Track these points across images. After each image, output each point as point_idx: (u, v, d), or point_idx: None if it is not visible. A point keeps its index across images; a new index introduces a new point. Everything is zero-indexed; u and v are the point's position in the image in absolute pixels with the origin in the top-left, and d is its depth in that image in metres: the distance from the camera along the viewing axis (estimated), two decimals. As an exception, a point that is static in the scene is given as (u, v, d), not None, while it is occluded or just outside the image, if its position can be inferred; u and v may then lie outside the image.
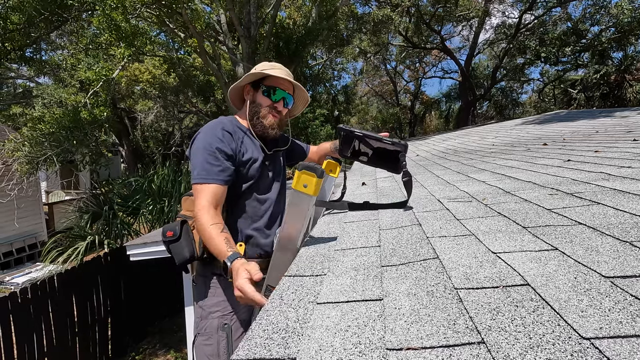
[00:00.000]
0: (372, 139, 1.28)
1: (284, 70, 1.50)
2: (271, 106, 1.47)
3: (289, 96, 1.51)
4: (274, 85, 1.47)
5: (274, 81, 1.46)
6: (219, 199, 1.30)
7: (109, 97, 7.90)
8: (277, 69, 1.49)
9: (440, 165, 3.22)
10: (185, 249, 1.32)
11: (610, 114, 6.15)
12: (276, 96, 1.47)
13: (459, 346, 0.54)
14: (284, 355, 0.58)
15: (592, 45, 12.84)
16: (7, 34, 6.88)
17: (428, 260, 0.89)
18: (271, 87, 1.46)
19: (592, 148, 2.70)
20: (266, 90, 1.47)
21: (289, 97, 1.51)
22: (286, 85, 1.49)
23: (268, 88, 1.47)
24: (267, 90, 1.47)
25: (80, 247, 5.48)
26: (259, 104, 1.47)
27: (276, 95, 1.47)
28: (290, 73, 1.54)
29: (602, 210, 1.12)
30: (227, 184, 1.34)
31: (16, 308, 3.61)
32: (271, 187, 1.51)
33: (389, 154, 1.29)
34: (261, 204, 1.46)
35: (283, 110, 1.50)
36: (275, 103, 1.47)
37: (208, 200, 1.26)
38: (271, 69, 1.47)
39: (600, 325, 0.53)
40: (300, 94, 1.58)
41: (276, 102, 1.47)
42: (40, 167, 6.69)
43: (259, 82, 1.49)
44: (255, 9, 8.63)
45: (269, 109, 1.46)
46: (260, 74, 1.46)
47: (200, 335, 1.38)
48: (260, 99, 1.47)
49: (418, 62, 22.51)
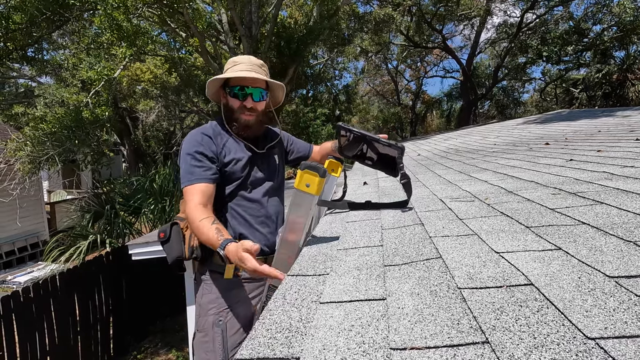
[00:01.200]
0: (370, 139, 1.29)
1: (246, 63, 1.46)
2: (241, 106, 1.45)
3: (257, 90, 1.45)
4: (238, 84, 1.44)
5: (238, 81, 1.44)
6: (208, 197, 1.34)
7: (110, 97, 7.91)
8: (238, 64, 1.46)
9: (442, 165, 3.21)
10: (174, 250, 1.38)
11: (613, 113, 6.13)
12: (244, 94, 1.44)
13: (463, 346, 0.53)
14: (288, 354, 0.58)
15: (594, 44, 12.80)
16: (9, 33, 6.89)
17: (431, 260, 0.89)
18: (235, 86, 1.44)
19: (594, 147, 2.69)
20: (231, 91, 1.45)
21: (257, 91, 1.45)
22: (253, 79, 1.44)
23: (232, 88, 1.44)
24: (233, 90, 1.44)
25: (82, 247, 5.50)
26: (230, 107, 1.46)
27: (244, 93, 1.44)
28: (257, 62, 1.50)
29: (605, 209, 1.11)
30: (214, 182, 1.38)
31: (19, 307, 3.62)
32: (262, 185, 1.51)
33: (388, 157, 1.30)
34: (251, 202, 1.48)
35: (256, 105, 1.46)
36: (244, 101, 1.44)
37: (197, 199, 1.31)
38: (232, 69, 1.45)
39: (605, 325, 0.53)
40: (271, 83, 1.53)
41: (244, 100, 1.44)
42: (42, 166, 6.71)
43: (227, 83, 1.47)
44: (256, 8, 8.63)
45: (240, 109, 1.45)
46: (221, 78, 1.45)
47: (199, 332, 1.42)
48: (231, 101, 1.46)
49: (419, 61, 22.48)
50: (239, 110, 1.45)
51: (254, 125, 1.48)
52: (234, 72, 1.43)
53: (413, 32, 15.64)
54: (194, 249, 1.37)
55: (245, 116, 1.45)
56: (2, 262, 8.16)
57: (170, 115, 15.04)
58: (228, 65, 1.49)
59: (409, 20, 14.78)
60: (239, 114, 1.45)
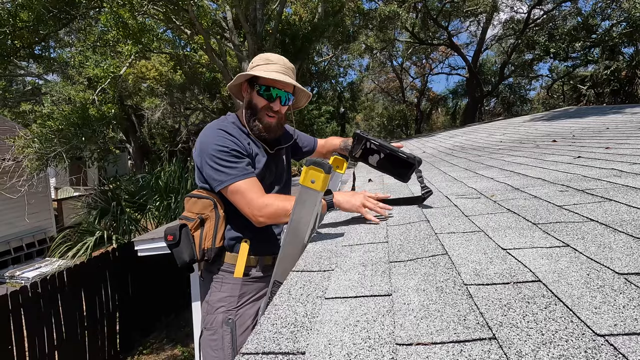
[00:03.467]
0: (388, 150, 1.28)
1: (281, 65, 1.40)
2: (267, 106, 1.39)
3: (286, 94, 1.41)
4: (269, 84, 1.38)
5: (269, 80, 1.37)
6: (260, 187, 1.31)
7: (116, 94, 7.96)
8: (272, 64, 1.39)
9: (448, 162, 3.19)
10: (185, 253, 1.34)
11: (621, 110, 6.05)
12: (272, 96, 1.38)
13: (469, 342, 0.53)
14: (293, 349, 0.58)
15: (603, 41, 12.61)
16: (17, 31, 6.94)
17: (437, 257, 0.89)
18: (266, 86, 1.38)
19: (602, 144, 2.65)
20: (261, 89, 1.38)
21: (286, 95, 1.41)
22: (284, 84, 1.39)
23: (262, 87, 1.38)
24: (262, 89, 1.38)
25: (88, 243, 5.55)
26: (254, 106, 1.40)
27: (272, 95, 1.38)
28: (290, 65, 1.45)
29: (614, 206, 1.10)
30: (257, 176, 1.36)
31: (27, 302, 3.67)
32: (272, 187, 1.50)
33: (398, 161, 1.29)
34: None
35: (281, 108, 1.42)
36: (271, 103, 1.39)
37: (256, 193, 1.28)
38: (265, 67, 1.38)
39: (614, 322, 0.52)
40: (301, 91, 1.50)
41: (272, 102, 1.39)
42: (49, 163, 6.78)
43: (254, 79, 1.40)
44: (261, 5, 8.62)
45: (264, 110, 1.39)
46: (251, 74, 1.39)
47: (207, 330, 1.41)
48: (256, 99, 1.39)
49: (425, 58, 22.32)
50: (263, 110, 1.39)
51: (275, 128, 1.44)
52: (268, 73, 1.35)
53: (418, 28, 15.54)
54: (205, 252, 1.35)
55: (269, 118, 1.40)
56: (10, 257, 8.27)
57: (176, 112, 15.09)
58: (260, 62, 1.41)
59: (415, 16, 14.67)
60: (263, 114, 1.40)
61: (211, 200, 1.37)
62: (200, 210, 1.38)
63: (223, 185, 1.29)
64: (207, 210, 1.37)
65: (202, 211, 1.37)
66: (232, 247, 1.42)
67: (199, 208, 1.38)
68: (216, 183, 1.31)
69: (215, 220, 1.37)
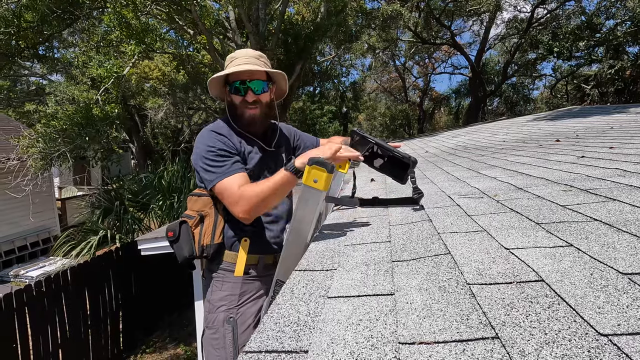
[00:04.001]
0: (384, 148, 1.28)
1: (244, 57, 1.43)
2: (243, 101, 1.41)
3: (257, 82, 1.41)
4: (236, 79, 1.40)
5: (236, 75, 1.40)
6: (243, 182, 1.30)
7: (119, 94, 7.99)
8: (235, 59, 1.43)
9: (450, 162, 3.19)
10: (184, 249, 1.37)
11: (625, 110, 6.01)
12: (242, 89, 1.40)
13: (472, 341, 0.53)
14: (296, 347, 0.58)
15: (607, 40, 12.52)
16: (21, 32, 6.98)
17: (439, 256, 0.89)
18: (235, 82, 1.40)
19: (606, 144, 2.64)
20: (231, 87, 1.42)
21: (257, 83, 1.41)
22: (251, 72, 1.40)
23: (232, 84, 1.41)
24: (233, 86, 1.41)
25: (92, 242, 5.58)
26: (233, 104, 1.44)
27: (241, 88, 1.40)
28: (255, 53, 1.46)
29: (618, 206, 1.10)
30: (246, 171, 1.36)
31: (31, 301, 3.69)
32: None
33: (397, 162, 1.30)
34: None
35: (259, 97, 1.41)
36: (245, 96, 1.40)
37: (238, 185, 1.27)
38: (229, 65, 1.42)
39: (618, 322, 0.52)
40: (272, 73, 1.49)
41: (245, 95, 1.40)
42: (54, 163, 6.81)
43: (227, 80, 1.45)
44: (264, 5, 8.62)
45: (242, 105, 1.42)
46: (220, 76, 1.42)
47: (208, 329, 1.41)
48: (232, 98, 1.43)
49: (427, 57, 22.22)
50: (241, 105, 1.42)
51: (259, 119, 1.45)
52: (230, 68, 1.40)
53: (421, 28, 15.48)
54: (204, 248, 1.37)
55: (250, 110, 1.42)
56: (14, 256, 8.33)
57: (178, 112, 15.13)
58: (227, 62, 1.46)
59: (417, 16, 14.62)
60: (243, 109, 1.42)
61: (210, 197, 1.40)
62: (200, 208, 1.41)
63: (212, 185, 1.32)
64: (207, 208, 1.40)
65: (202, 208, 1.41)
66: (232, 246, 1.42)
67: (199, 206, 1.42)
68: (207, 183, 1.34)
69: (215, 217, 1.40)
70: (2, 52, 7.19)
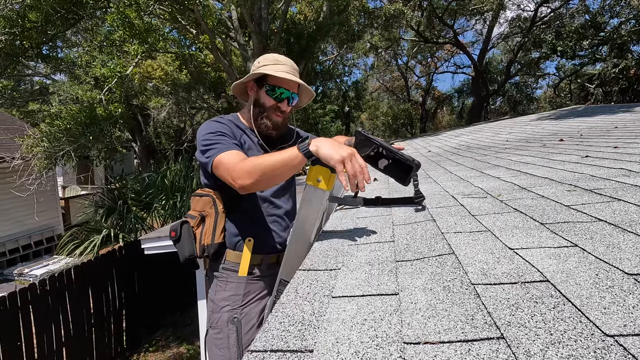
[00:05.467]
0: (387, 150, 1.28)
1: (289, 66, 1.44)
2: (274, 106, 1.42)
3: (293, 95, 1.46)
4: (278, 84, 1.41)
5: (278, 80, 1.41)
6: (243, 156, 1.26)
7: (122, 94, 8.02)
8: (280, 64, 1.43)
9: (453, 162, 3.18)
10: (185, 249, 1.38)
11: (630, 109, 5.97)
12: (280, 96, 1.42)
13: (477, 341, 0.53)
14: (301, 347, 0.58)
15: (611, 39, 12.43)
16: (25, 32, 7.02)
17: (443, 256, 0.89)
18: (275, 86, 1.41)
19: (611, 144, 2.63)
20: (270, 89, 1.42)
21: (293, 95, 1.45)
22: (291, 84, 1.43)
23: (272, 87, 1.41)
24: (271, 89, 1.41)
25: (95, 241, 5.61)
26: (262, 104, 1.43)
27: (280, 95, 1.42)
28: (295, 66, 1.49)
29: (623, 206, 1.09)
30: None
31: (35, 299, 3.71)
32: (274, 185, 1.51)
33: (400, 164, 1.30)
34: (262, 201, 1.47)
35: (287, 109, 1.46)
36: (279, 103, 1.42)
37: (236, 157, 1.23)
38: (274, 67, 1.41)
39: (624, 322, 0.52)
40: (304, 89, 1.53)
41: (280, 102, 1.42)
42: (58, 162, 6.85)
43: (262, 78, 1.44)
44: (266, 4, 8.63)
45: (272, 109, 1.43)
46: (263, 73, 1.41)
47: (212, 329, 1.41)
48: (264, 98, 1.43)
49: (430, 57, 22.18)
50: (271, 109, 1.43)
51: (281, 126, 1.48)
52: (278, 73, 1.39)
53: (424, 27, 15.44)
54: (205, 248, 1.38)
55: (276, 117, 1.44)
56: (19, 255, 8.38)
57: (181, 112, 15.18)
58: (268, 62, 1.44)
59: (420, 15, 14.58)
60: (271, 112, 1.43)
61: (210, 197, 1.41)
62: (201, 208, 1.42)
63: (211, 162, 1.27)
64: (207, 208, 1.41)
65: (203, 208, 1.41)
66: (236, 246, 1.43)
67: (200, 206, 1.42)
68: (206, 165, 1.30)
69: (215, 217, 1.40)
70: (6, 52, 7.23)
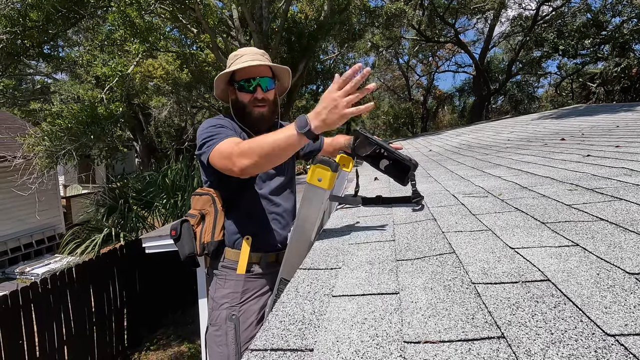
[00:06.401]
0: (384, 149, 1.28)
1: (250, 54, 1.43)
2: (252, 99, 1.41)
3: (265, 79, 1.42)
4: (245, 76, 1.40)
5: (243, 72, 1.40)
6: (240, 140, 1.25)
7: (123, 93, 8.03)
8: (240, 56, 1.43)
9: (454, 161, 3.18)
10: (186, 247, 1.39)
11: (632, 108, 5.95)
12: (251, 86, 1.40)
13: (478, 340, 0.53)
14: (301, 346, 0.58)
15: (613, 37, 12.39)
16: (27, 31, 7.03)
17: (444, 255, 0.88)
18: (242, 79, 1.40)
19: (612, 143, 2.62)
20: (239, 84, 1.41)
21: (265, 80, 1.42)
22: (259, 69, 1.41)
23: (239, 81, 1.41)
24: (240, 84, 1.41)
25: (96, 240, 5.63)
26: (240, 102, 1.43)
27: (251, 86, 1.40)
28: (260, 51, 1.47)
29: (624, 206, 1.09)
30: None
31: (37, 298, 3.72)
32: (273, 181, 1.50)
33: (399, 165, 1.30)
34: (262, 199, 1.47)
35: (267, 95, 1.43)
36: (254, 93, 1.41)
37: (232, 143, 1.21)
38: (235, 62, 1.42)
39: (625, 322, 0.52)
40: (277, 70, 1.50)
41: (254, 92, 1.41)
42: (59, 161, 6.87)
43: (233, 78, 1.44)
44: (267, 3, 8.62)
45: (251, 102, 1.42)
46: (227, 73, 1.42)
47: (212, 326, 1.43)
48: (239, 95, 1.43)
49: (431, 56, 22.14)
50: (250, 103, 1.42)
51: (267, 117, 1.46)
52: (239, 64, 1.39)
53: (425, 26, 15.41)
54: (205, 246, 1.39)
55: (258, 108, 1.43)
56: (20, 254, 8.40)
57: (182, 111, 15.18)
58: (231, 60, 1.46)
59: (421, 14, 14.56)
60: (251, 107, 1.42)
61: (209, 196, 1.42)
62: (201, 207, 1.43)
63: (208, 154, 1.25)
64: (207, 206, 1.42)
65: (203, 207, 1.43)
66: (235, 244, 1.43)
67: (200, 204, 1.44)
68: (203, 157, 1.29)
69: (214, 215, 1.41)
70: (7, 51, 7.25)
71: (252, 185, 1.46)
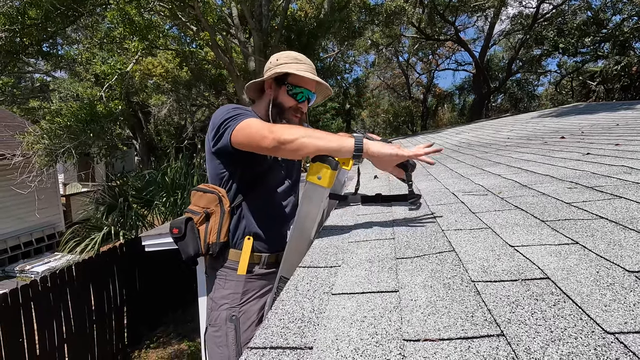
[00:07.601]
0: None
1: (309, 65, 1.42)
2: (295, 107, 1.39)
3: (313, 95, 1.44)
4: (300, 84, 1.38)
5: (300, 80, 1.38)
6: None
7: (123, 91, 8.01)
8: (301, 63, 1.40)
9: (454, 159, 3.17)
10: (190, 247, 1.35)
11: (632, 106, 5.95)
12: (301, 97, 1.39)
13: (477, 338, 0.53)
14: (301, 344, 0.58)
15: (613, 36, 12.37)
16: (25, 29, 7.00)
17: (444, 253, 0.88)
18: (297, 86, 1.38)
19: (612, 141, 2.62)
20: (291, 89, 1.38)
21: (312, 95, 1.44)
22: (312, 84, 1.41)
23: (293, 86, 1.38)
24: (293, 89, 1.38)
25: (96, 238, 5.62)
26: (281, 104, 1.39)
27: (302, 96, 1.39)
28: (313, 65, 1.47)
29: (624, 204, 1.09)
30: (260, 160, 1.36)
31: (37, 296, 3.73)
32: (280, 182, 1.50)
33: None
34: (269, 200, 1.46)
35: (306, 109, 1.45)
36: (300, 103, 1.40)
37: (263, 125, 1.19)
38: (296, 65, 1.38)
39: (625, 320, 0.52)
40: (321, 89, 1.51)
41: (301, 102, 1.40)
42: (59, 159, 6.86)
43: (282, 77, 1.40)
44: (266, 1, 8.59)
45: (292, 110, 1.40)
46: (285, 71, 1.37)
47: (211, 326, 1.41)
48: (284, 97, 1.39)
49: (431, 54, 22.09)
50: (290, 110, 1.40)
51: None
52: (301, 72, 1.36)
53: (425, 24, 15.36)
54: (210, 246, 1.36)
55: (295, 117, 1.42)
56: (20, 252, 8.41)
57: (182, 109, 15.17)
58: (288, 60, 1.40)
59: (421, 12, 14.52)
60: (290, 114, 1.41)
61: (216, 194, 1.38)
62: (206, 205, 1.39)
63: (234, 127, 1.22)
64: (213, 205, 1.38)
65: (208, 205, 1.38)
66: (236, 244, 1.42)
67: (204, 202, 1.39)
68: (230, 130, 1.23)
69: (220, 215, 1.38)
70: (6, 49, 7.22)
71: (259, 184, 1.44)
